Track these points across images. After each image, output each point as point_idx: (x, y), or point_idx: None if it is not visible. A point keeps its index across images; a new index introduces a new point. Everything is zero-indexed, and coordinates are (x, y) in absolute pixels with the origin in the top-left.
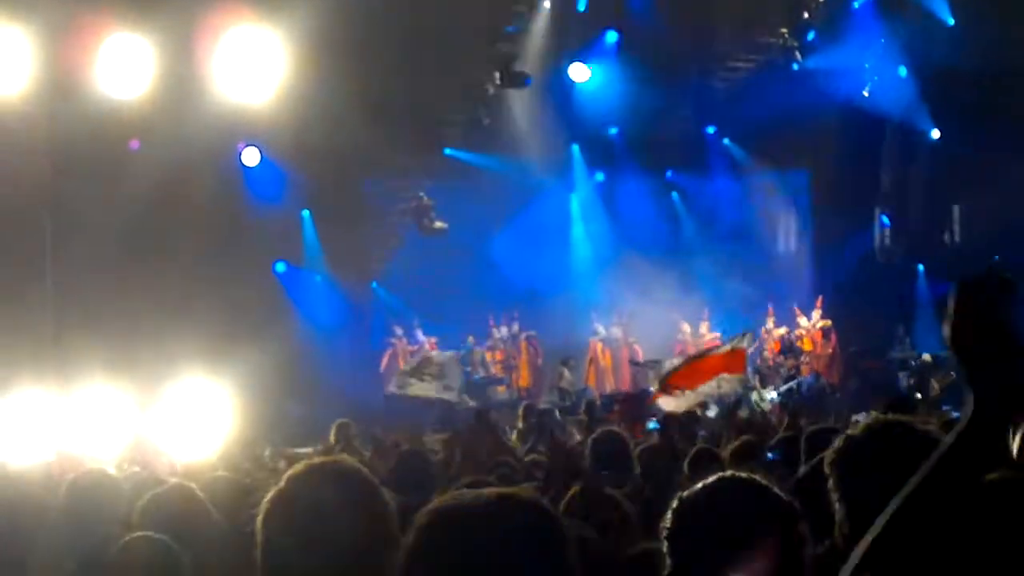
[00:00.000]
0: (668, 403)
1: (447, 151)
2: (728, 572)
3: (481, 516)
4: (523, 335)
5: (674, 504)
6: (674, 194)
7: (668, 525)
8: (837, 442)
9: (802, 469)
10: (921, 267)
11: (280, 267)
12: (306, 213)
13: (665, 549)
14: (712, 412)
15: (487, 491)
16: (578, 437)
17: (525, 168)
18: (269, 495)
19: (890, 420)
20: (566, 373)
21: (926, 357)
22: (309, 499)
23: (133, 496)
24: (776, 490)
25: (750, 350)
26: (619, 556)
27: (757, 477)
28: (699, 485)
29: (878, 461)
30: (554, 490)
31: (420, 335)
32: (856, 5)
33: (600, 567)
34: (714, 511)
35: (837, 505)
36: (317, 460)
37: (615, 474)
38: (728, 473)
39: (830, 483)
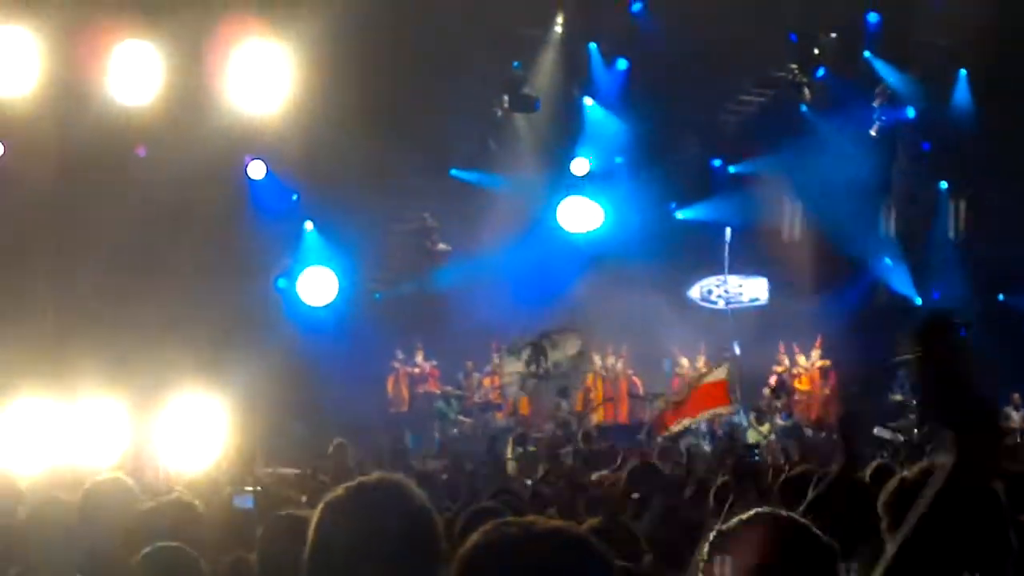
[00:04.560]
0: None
1: (453, 172)
2: None
3: (532, 549)
4: None
5: (711, 536)
6: (676, 226)
7: (704, 558)
8: (891, 484)
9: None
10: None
11: (282, 283)
12: (308, 226)
13: None
14: (707, 447)
15: (537, 523)
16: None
17: (531, 191)
18: (326, 500)
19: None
20: (563, 404)
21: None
22: (367, 510)
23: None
24: (814, 529)
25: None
26: None
27: (795, 515)
28: (736, 519)
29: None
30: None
31: (420, 358)
32: (866, 54)
33: None
34: (752, 545)
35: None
36: (374, 475)
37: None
38: (767, 509)
39: (883, 524)
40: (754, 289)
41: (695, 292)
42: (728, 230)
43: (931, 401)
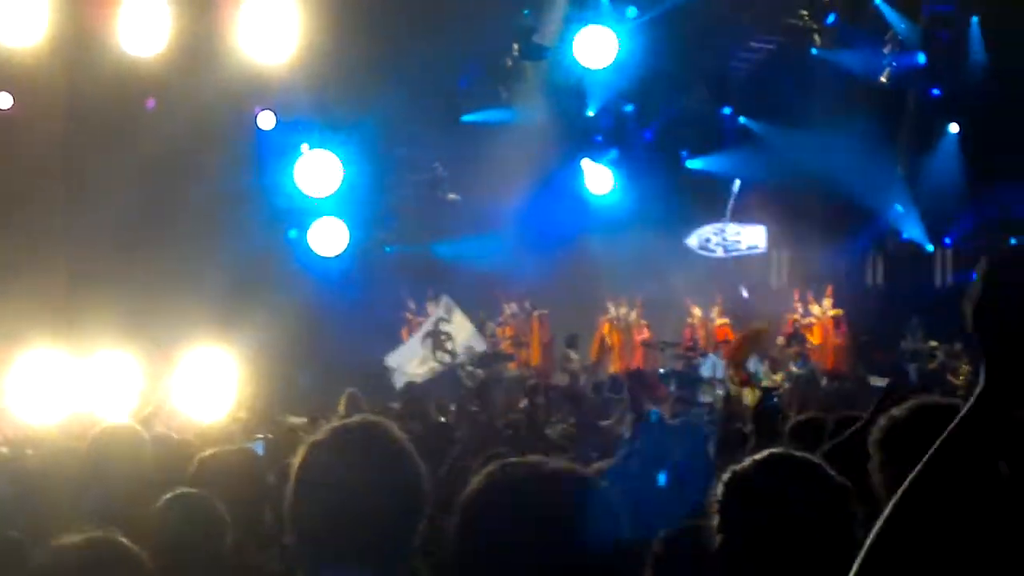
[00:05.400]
0: None
1: (465, 118)
2: (780, 546)
3: (538, 489)
4: (535, 313)
5: (726, 478)
6: (685, 175)
7: (720, 499)
8: (882, 422)
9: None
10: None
11: (293, 233)
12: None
13: (715, 524)
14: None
15: (544, 463)
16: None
17: (541, 139)
18: (310, 441)
19: (936, 402)
20: (572, 355)
21: (944, 347)
22: (348, 450)
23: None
24: (828, 468)
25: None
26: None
27: (809, 455)
28: (749, 460)
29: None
30: None
31: (431, 308)
32: (876, 1)
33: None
34: (769, 486)
35: (880, 484)
36: (355, 419)
37: None
38: (780, 450)
39: (874, 463)
40: (752, 237)
41: (692, 241)
42: (737, 181)
43: (986, 328)
